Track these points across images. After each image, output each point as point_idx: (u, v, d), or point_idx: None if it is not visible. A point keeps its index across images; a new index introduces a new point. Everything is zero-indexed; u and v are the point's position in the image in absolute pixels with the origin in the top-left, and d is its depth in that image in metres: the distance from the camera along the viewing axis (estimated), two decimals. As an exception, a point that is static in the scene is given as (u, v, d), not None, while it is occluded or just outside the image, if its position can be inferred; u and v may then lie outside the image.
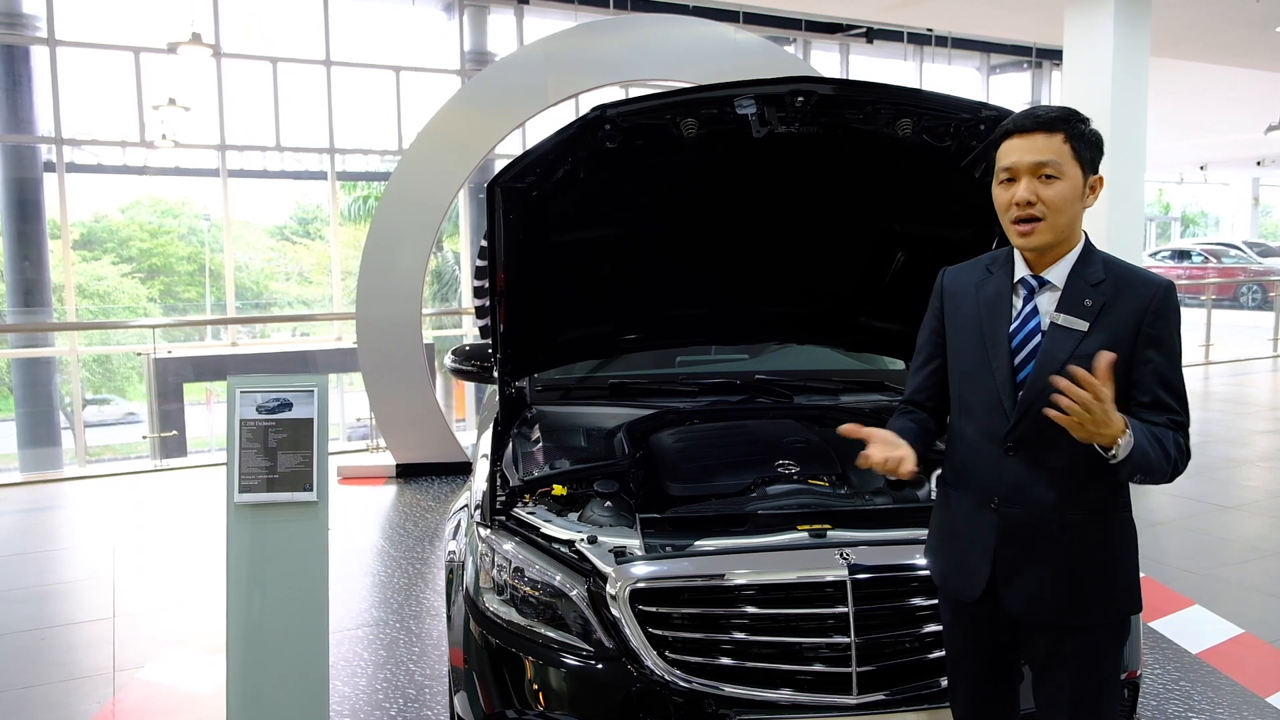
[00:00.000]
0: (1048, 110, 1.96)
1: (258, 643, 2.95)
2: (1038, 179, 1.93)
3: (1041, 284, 2.01)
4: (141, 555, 5.38)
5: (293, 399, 3.02)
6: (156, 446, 8.88)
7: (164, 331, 10.94)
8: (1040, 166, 1.93)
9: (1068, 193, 1.93)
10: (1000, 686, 2.18)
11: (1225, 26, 9.83)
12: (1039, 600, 2.00)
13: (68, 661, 4.04)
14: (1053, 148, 1.93)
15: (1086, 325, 1.94)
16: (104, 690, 3.75)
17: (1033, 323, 2.00)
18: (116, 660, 4.01)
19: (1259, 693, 3.61)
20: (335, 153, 14.22)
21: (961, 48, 17.24)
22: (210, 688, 3.69)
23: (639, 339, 3.58)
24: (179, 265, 23.64)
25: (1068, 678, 2.01)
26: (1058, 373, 1.86)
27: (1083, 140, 1.94)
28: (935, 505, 2.25)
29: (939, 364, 2.19)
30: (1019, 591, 2.01)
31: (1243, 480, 6.73)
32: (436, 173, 6.67)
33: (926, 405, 2.24)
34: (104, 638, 4.25)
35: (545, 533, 2.72)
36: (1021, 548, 2.01)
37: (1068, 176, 1.93)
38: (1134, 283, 1.96)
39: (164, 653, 4.07)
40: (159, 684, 3.81)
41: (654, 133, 2.77)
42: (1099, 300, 1.95)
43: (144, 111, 12.65)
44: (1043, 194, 1.93)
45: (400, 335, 6.76)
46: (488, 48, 14.95)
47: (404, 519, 5.97)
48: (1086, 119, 1.98)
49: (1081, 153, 1.94)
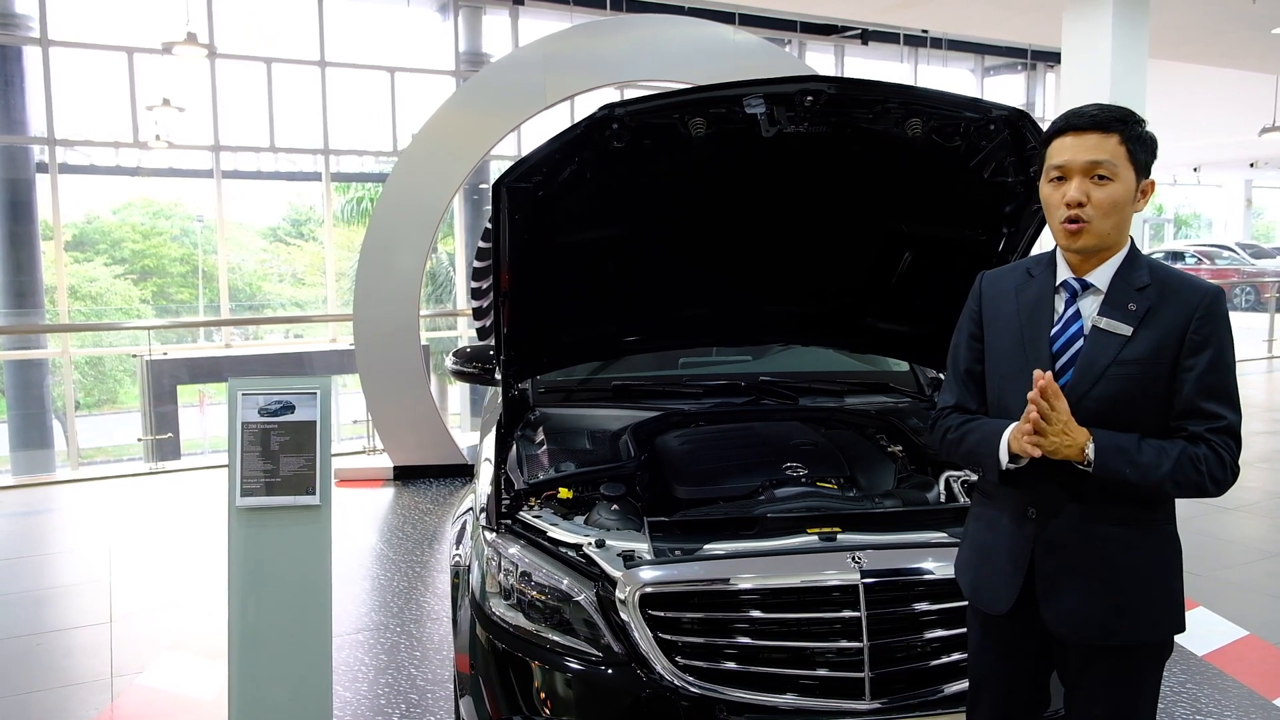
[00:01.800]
0: (1103, 109, 1.91)
1: (260, 648, 2.91)
2: (1090, 179, 1.89)
3: (1085, 287, 1.96)
4: (138, 559, 5.33)
5: (295, 401, 2.98)
6: (150, 449, 8.84)
7: (157, 333, 10.85)
8: (1094, 166, 1.88)
9: (1120, 195, 1.89)
10: (1028, 700, 2.12)
11: (1222, 28, 9.84)
12: (1079, 615, 1.93)
13: (64, 667, 3.99)
14: (1107, 148, 1.88)
15: (1130, 330, 1.89)
16: (102, 696, 3.71)
17: (1075, 326, 1.95)
18: (114, 666, 3.97)
19: (1266, 695, 3.60)
20: (330, 154, 14.18)
21: (956, 49, 17.27)
22: (210, 693, 3.65)
23: (644, 340, 3.55)
24: (172, 267, 23.51)
25: (1103, 700, 1.95)
26: (1099, 377, 1.87)
27: (1139, 142, 1.90)
28: (968, 516, 2.20)
29: (978, 371, 2.12)
30: (1059, 607, 1.94)
31: (1243, 481, 6.71)
32: (434, 173, 6.64)
33: (978, 412, 2.12)
34: (101, 643, 4.21)
35: (552, 536, 2.69)
36: (1060, 561, 1.95)
37: (1121, 179, 1.89)
38: (1180, 288, 1.91)
39: (162, 658, 4.03)
40: (158, 689, 3.76)
41: (662, 132, 2.74)
42: (1144, 305, 1.90)
43: (137, 112, 12.59)
44: (1094, 195, 1.89)
45: (398, 337, 6.72)
46: (483, 48, 14.92)
47: (402, 521, 5.93)
48: (1143, 120, 1.92)
49: (1137, 155, 1.89)
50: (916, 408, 3.62)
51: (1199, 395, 1.87)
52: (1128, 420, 1.88)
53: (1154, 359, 1.88)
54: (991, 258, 3.15)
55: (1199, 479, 1.85)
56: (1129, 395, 1.88)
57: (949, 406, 2.15)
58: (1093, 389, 1.90)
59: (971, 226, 3.11)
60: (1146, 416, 1.89)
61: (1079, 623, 1.93)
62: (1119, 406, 1.88)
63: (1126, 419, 1.88)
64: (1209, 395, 1.87)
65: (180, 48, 10.01)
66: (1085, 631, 1.93)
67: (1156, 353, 1.87)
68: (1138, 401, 1.89)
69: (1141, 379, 1.88)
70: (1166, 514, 1.97)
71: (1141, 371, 1.88)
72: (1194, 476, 1.84)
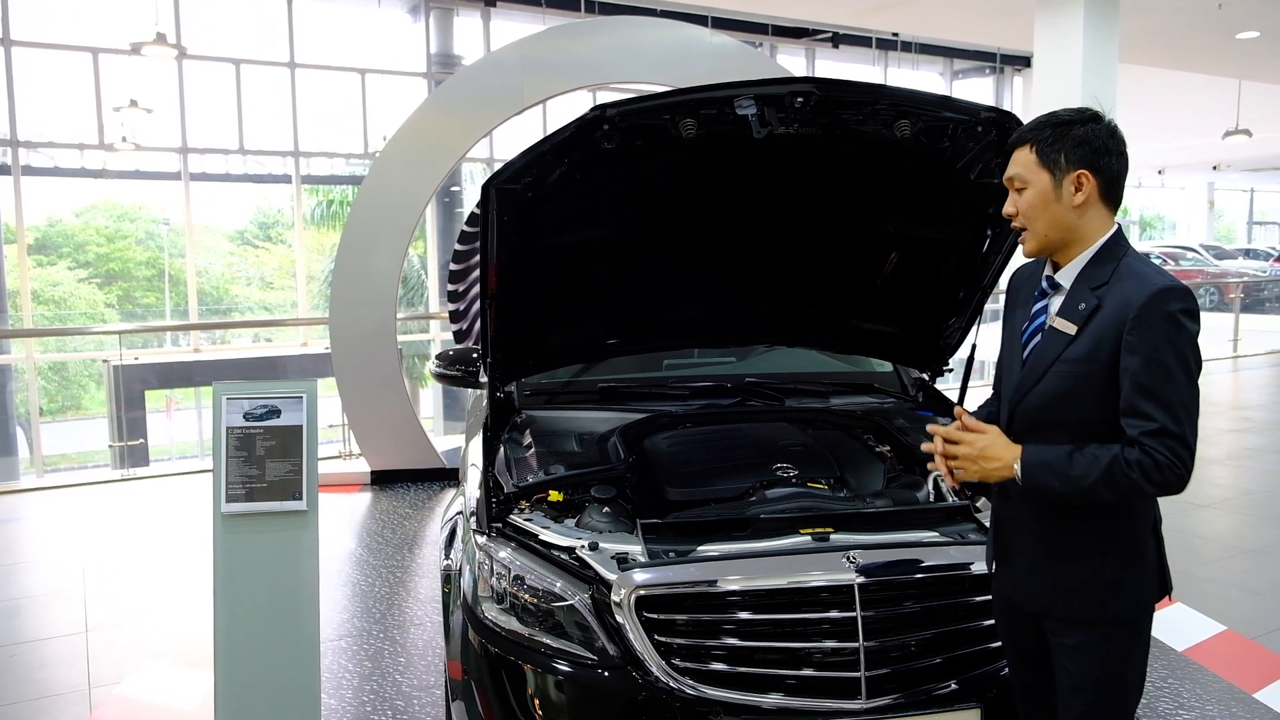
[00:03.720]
0: (1022, 126, 2.07)
1: (246, 657, 2.87)
2: (1016, 192, 2.03)
3: (1054, 286, 2.05)
4: (112, 568, 5.24)
5: (281, 405, 2.94)
6: (118, 456, 8.70)
7: (123, 337, 10.69)
8: (1011, 182, 2.04)
9: (1034, 199, 2.00)
10: (1042, 673, 2.18)
11: (1190, 33, 10.01)
12: (1026, 586, 2.09)
13: (40, 679, 3.92)
14: (1020, 161, 2.02)
15: (1075, 329, 1.96)
16: (79, 708, 3.64)
17: (1037, 322, 2.07)
18: (92, 677, 3.90)
19: (1245, 689, 3.65)
20: (300, 156, 14.05)
21: (926, 53, 17.43)
22: (192, 702, 3.59)
23: (631, 342, 3.54)
24: (137, 270, 23.18)
25: (1065, 671, 2.05)
26: (1042, 374, 1.99)
27: (1050, 144, 1.97)
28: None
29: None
30: (1010, 576, 2.13)
31: (1213, 479, 6.84)
32: (411, 175, 6.59)
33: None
34: (77, 653, 4.13)
35: (544, 539, 2.67)
36: (1010, 534, 2.12)
37: (1032, 184, 2.00)
38: (1128, 287, 1.91)
39: (141, 667, 3.96)
40: (137, 700, 3.70)
41: (652, 133, 2.73)
42: (1092, 304, 1.94)
43: (103, 113, 12.41)
44: (1019, 204, 2.03)
45: (375, 340, 6.66)
46: (454, 50, 14.86)
47: (382, 526, 5.88)
48: (1064, 122, 1.98)
49: (1047, 156, 1.97)
50: (901, 408, 3.64)
51: (1134, 395, 1.86)
52: (1069, 416, 1.96)
53: (1090, 358, 1.92)
54: (976, 258, 3.18)
55: (1131, 483, 1.85)
56: (1069, 392, 1.96)
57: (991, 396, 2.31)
58: (1036, 385, 2.01)
59: (957, 227, 3.13)
60: (1086, 414, 1.94)
61: (1025, 592, 2.09)
62: (1061, 401, 1.97)
63: (1067, 415, 1.96)
64: (1143, 396, 1.85)
65: (149, 48, 9.87)
66: (1031, 601, 2.09)
67: (1093, 352, 1.92)
68: (1077, 399, 1.95)
69: (1081, 377, 1.94)
70: (1118, 511, 1.97)
71: (1080, 370, 1.94)
72: (1125, 481, 1.85)
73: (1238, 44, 10.64)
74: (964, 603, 2.47)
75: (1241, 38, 10.52)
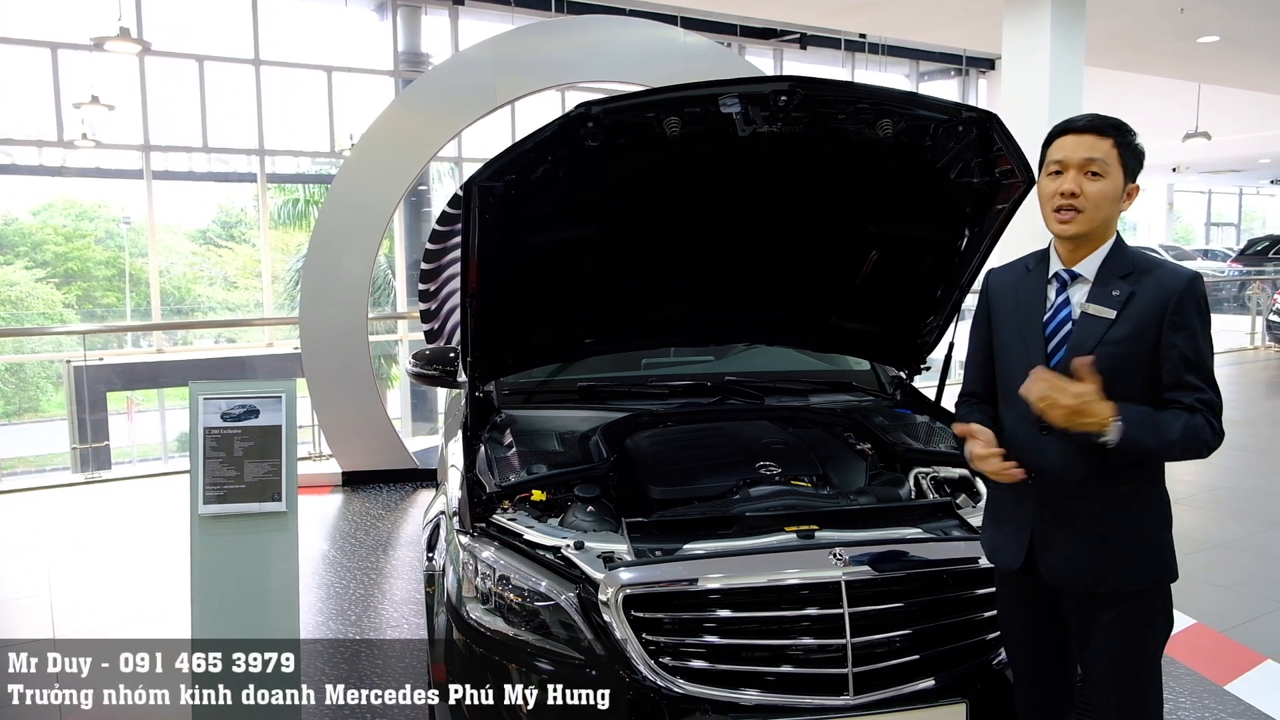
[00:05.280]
0: (1100, 117, 2.13)
1: (226, 660, 2.83)
2: (1084, 175, 2.08)
3: (1074, 277, 2.15)
4: (79, 572, 5.14)
5: (259, 405, 2.91)
6: (79, 459, 8.54)
7: (85, 338, 10.49)
8: (1089, 163, 2.08)
9: (1108, 191, 2.09)
10: (1052, 652, 2.26)
11: (1153, 37, 10.18)
12: (1074, 568, 2.12)
13: (5, 686, 3.83)
14: (1101, 148, 2.08)
15: (1114, 314, 2.07)
16: (49, 717, 3.56)
17: (1064, 312, 2.15)
18: (61, 681, 3.82)
19: (1217, 681, 3.71)
20: (265, 154, 13.88)
21: (893, 55, 17.55)
22: (166, 709, 3.53)
23: (613, 341, 3.53)
24: (97, 270, 22.80)
25: (1105, 645, 2.12)
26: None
27: (1129, 149, 2.10)
28: (989, 485, 2.36)
29: (988, 358, 2.30)
30: (1056, 561, 2.14)
31: (1178, 475, 6.94)
32: (382, 173, 6.52)
33: (986, 396, 2.34)
34: (45, 659, 4.04)
35: (529, 539, 2.66)
36: (1057, 519, 2.14)
37: (1111, 177, 2.08)
38: (1160, 273, 2.09)
39: (112, 674, 3.88)
40: (109, 705, 3.63)
41: (636, 131, 2.73)
42: (1126, 291, 2.08)
43: (62, 110, 12.18)
44: (1086, 189, 2.08)
45: (346, 340, 6.59)
46: (421, 48, 14.74)
47: (354, 528, 5.82)
48: (1135, 132, 2.12)
49: (1127, 160, 2.10)
50: (880, 406, 3.66)
51: (1183, 370, 2.04)
52: (1114, 394, 2.03)
53: (1136, 339, 2.06)
54: (954, 257, 3.21)
55: (1200, 444, 2.03)
56: (1114, 372, 2.04)
57: (966, 393, 2.38)
58: None
59: (936, 226, 3.15)
60: (1130, 391, 2.05)
61: (1071, 573, 2.13)
62: (1106, 382, 2.03)
63: (1113, 393, 2.03)
64: (1190, 370, 2.04)
65: (112, 43, 9.69)
66: (1074, 580, 2.13)
67: (1138, 333, 2.05)
68: (1121, 378, 2.05)
69: (1126, 357, 2.06)
70: (1155, 475, 2.14)
71: (1125, 350, 2.06)
72: (1196, 442, 2.03)
73: (1199, 48, 10.84)
74: (950, 598, 2.49)
75: (1202, 42, 10.71)
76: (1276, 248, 21.43)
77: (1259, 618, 4.39)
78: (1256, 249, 22.08)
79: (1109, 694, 2.14)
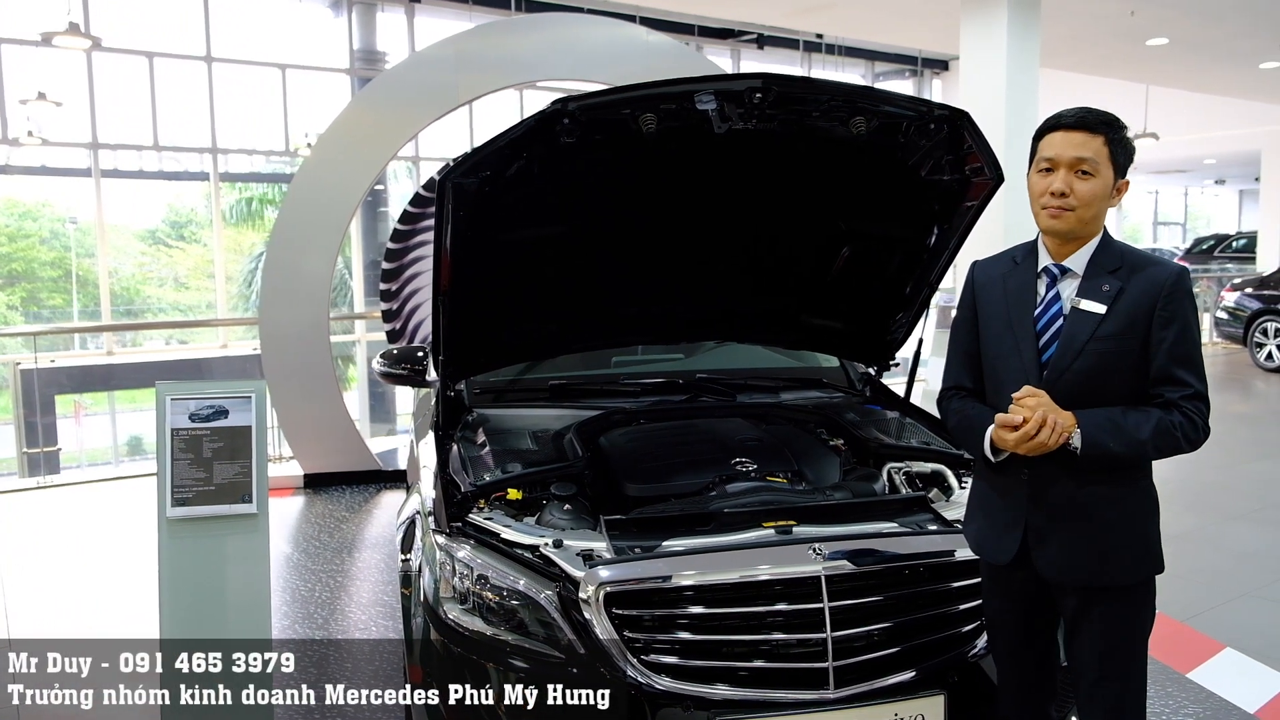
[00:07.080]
0: (1091, 112, 2.12)
1: (196, 665, 2.78)
2: (1074, 173, 2.09)
3: (1063, 272, 2.17)
4: (33, 580, 5.01)
5: (229, 406, 2.86)
6: (27, 463, 8.34)
7: (29, 341, 10.22)
8: (1079, 162, 2.08)
9: (1099, 189, 2.10)
10: (1037, 643, 2.30)
11: (1104, 39, 10.38)
12: (1069, 564, 2.14)
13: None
14: (1092, 147, 2.08)
15: (1104, 308, 2.09)
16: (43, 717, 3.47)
17: (1055, 307, 2.16)
18: (17, 690, 3.72)
19: (1179, 669, 3.79)
20: (218, 153, 13.65)
21: (849, 55, 17.70)
22: (132, 715, 3.45)
23: (585, 338, 3.52)
24: (42, 271, 22.25)
25: (1097, 636, 2.15)
26: (1078, 353, 2.07)
27: (1120, 146, 2.11)
28: (972, 479, 2.40)
29: (974, 351, 2.30)
30: (1050, 556, 2.15)
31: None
32: (343, 172, 6.43)
33: (974, 390, 2.33)
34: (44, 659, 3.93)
35: (506, 538, 2.64)
36: (1050, 514, 2.15)
37: (1101, 175, 2.09)
38: (1148, 269, 2.11)
39: (73, 681, 3.79)
40: (69, 714, 3.54)
41: (612, 128, 2.73)
42: (1115, 286, 2.10)
43: (6, 107, 11.88)
44: (1076, 187, 2.09)
45: (307, 341, 6.49)
46: (377, 46, 14.59)
47: (318, 530, 5.75)
48: (1125, 127, 2.14)
49: (1117, 157, 2.10)
50: (850, 402, 3.69)
51: (1171, 364, 2.07)
52: (1106, 389, 2.08)
53: (1127, 334, 2.08)
54: (923, 254, 3.24)
55: (1175, 442, 2.06)
56: (1106, 367, 2.08)
57: (950, 386, 2.36)
58: (1074, 363, 2.11)
59: (907, 223, 3.18)
60: (1121, 386, 2.09)
61: (1065, 567, 2.15)
62: (1097, 377, 2.08)
63: (1105, 388, 2.08)
64: (1179, 364, 2.07)
65: (61, 39, 9.46)
66: (1072, 575, 2.15)
67: (1129, 328, 2.07)
68: (1113, 373, 2.08)
69: (1116, 353, 2.09)
70: (1145, 471, 2.19)
71: (1116, 346, 2.08)
72: (1170, 440, 2.06)
73: (1148, 50, 11.08)
74: (927, 591, 2.51)
75: (1151, 44, 10.95)
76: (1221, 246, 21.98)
77: (1217, 607, 4.49)
78: (1203, 248, 22.62)
79: (1096, 683, 2.17)
